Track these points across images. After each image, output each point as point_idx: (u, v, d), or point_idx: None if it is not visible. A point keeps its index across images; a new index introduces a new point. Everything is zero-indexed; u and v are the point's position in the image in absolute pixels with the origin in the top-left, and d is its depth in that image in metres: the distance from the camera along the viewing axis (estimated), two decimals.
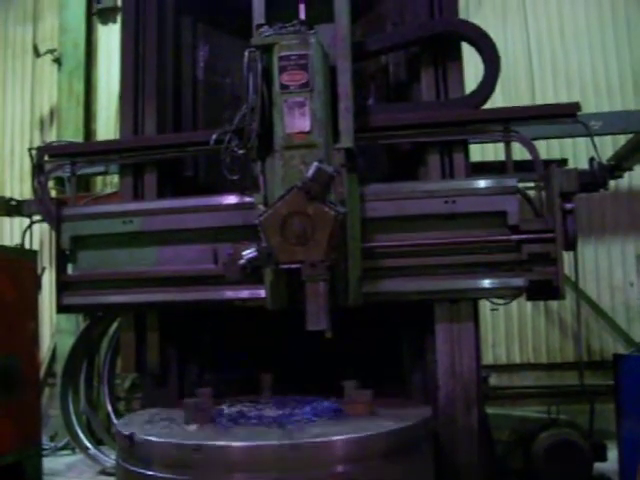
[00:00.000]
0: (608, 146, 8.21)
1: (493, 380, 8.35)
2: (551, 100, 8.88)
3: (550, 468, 5.46)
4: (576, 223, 3.89)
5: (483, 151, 8.32)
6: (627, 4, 9.45)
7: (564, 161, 7.12)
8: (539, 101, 9.14)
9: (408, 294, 3.94)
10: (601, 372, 8.07)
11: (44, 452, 7.61)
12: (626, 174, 8.11)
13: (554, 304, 8.92)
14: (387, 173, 4.72)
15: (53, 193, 8.53)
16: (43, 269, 8.09)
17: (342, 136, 3.75)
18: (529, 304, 8.83)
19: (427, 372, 4.12)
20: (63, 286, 4.39)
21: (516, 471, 5.61)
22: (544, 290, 3.87)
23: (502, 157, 4.13)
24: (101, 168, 8.66)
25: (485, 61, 4.17)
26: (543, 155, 4.26)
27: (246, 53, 3.73)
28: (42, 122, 10.81)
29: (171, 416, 3.76)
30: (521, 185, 3.93)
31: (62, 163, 4.69)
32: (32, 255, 6.99)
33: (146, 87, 4.58)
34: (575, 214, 3.88)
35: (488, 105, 4.21)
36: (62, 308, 4.42)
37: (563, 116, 4.15)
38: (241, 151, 3.78)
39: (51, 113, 10.74)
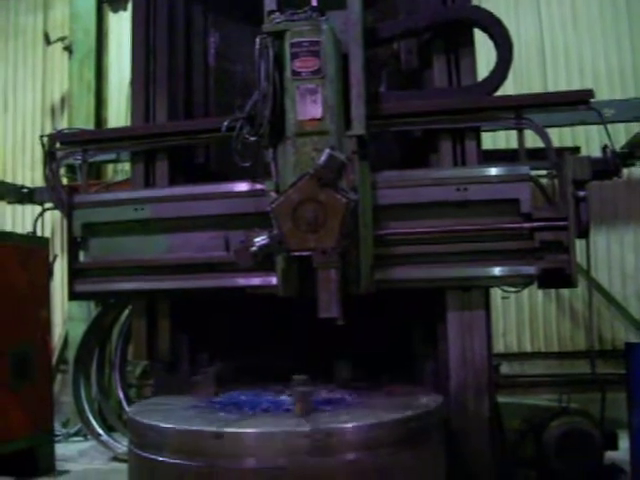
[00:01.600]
0: (621, 134, 8.14)
1: (504, 368, 8.34)
2: (563, 87, 8.83)
3: (561, 457, 5.45)
4: (589, 211, 3.87)
5: (495, 139, 8.27)
6: None
7: (577, 149, 7.10)
8: (551, 88, 9.06)
9: (419, 282, 3.93)
10: (612, 361, 8.03)
11: (56, 438, 7.67)
12: (639, 162, 8.07)
13: (565, 292, 8.88)
14: (399, 160, 4.71)
15: (64, 181, 8.54)
16: (55, 257, 8.13)
17: (354, 123, 3.74)
18: (540, 292, 8.79)
19: (439, 360, 4.12)
20: (75, 273, 4.41)
21: (527, 459, 5.60)
22: (556, 278, 3.86)
23: (514, 145, 4.12)
24: (112, 155, 8.65)
25: (498, 48, 4.15)
26: (555, 143, 4.24)
27: (257, 40, 3.72)
28: (53, 110, 10.83)
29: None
30: (533, 173, 3.92)
31: (73, 150, 4.69)
32: (44, 243, 7.02)
33: (157, 74, 4.57)
34: (588, 202, 3.86)
35: (500, 93, 4.19)
36: (74, 295, 4.44)
37: (576, 103, 4.13)
38: (253, 138, 3.78)
39: (62, 101, 10.75)
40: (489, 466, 3.91)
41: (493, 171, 3.89)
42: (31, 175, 10.53)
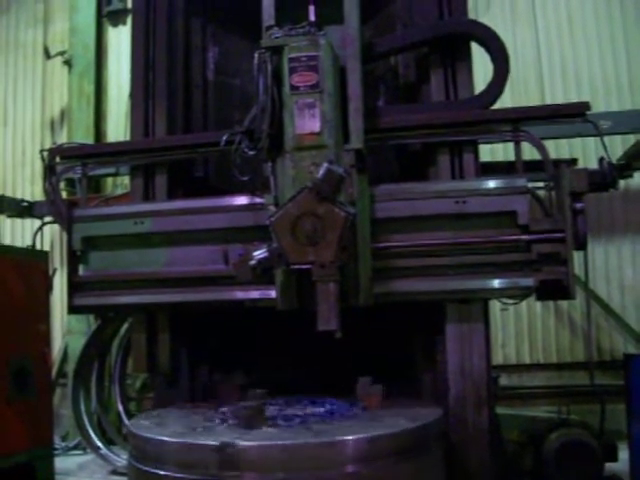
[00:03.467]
0: (618, 145, 8.16)
1: (503, 380, 8.33)
2: (560, 100, 8.84)
3: (561, 468, 5.45)
4: (586, 223, 3.89)
5: (493, 151, 8.30)
6: (636, 3, 9.40)
7: (574, 161, 7.10)
8: (548, 101, 9.11)
9: (418, 294, 3.94)
10: (611, 372, 8.03)
11: (56, 452, 7.63)
12: (636, 174, 8.09)
13: (564, 304, 8.90)
14: (397, 173, 4.73)
15: (64, 194, 8.55)
16: (54, 270, 8.12)
17: (352, 137, 3.76)
18: (539, 304, 8.79)
19: (438, 372, 4.13)
20: (74, 287, 4.41)
21: (526, 471, 5.60)
22: (554, 290, 3.87)
23: (511, 157, 4.13)
24: (111, 169, 8.68)
25: (494, 61, 4.17)
26: (552, 155, 4.26)
27: (256, 55, 3.75)
28: (53, 123, 10.86)
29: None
30: (531, 185, 3.93)
31: (73, 165, 4.71)
32: (43, 256, 7.01)
33: (156, 88, 4.59)
34: (585, 214, 3.87)
35: (497, 106, 4.21)
36: (73, 309, 4.44)
37: (573, 116, 4.14)
38: (251, 152, 3.80)
39: (62, 114, 10.79)
40: (488, 478, 3.91)
41: (491, 184, 3.90)
42: (31, 189, 10.55)
